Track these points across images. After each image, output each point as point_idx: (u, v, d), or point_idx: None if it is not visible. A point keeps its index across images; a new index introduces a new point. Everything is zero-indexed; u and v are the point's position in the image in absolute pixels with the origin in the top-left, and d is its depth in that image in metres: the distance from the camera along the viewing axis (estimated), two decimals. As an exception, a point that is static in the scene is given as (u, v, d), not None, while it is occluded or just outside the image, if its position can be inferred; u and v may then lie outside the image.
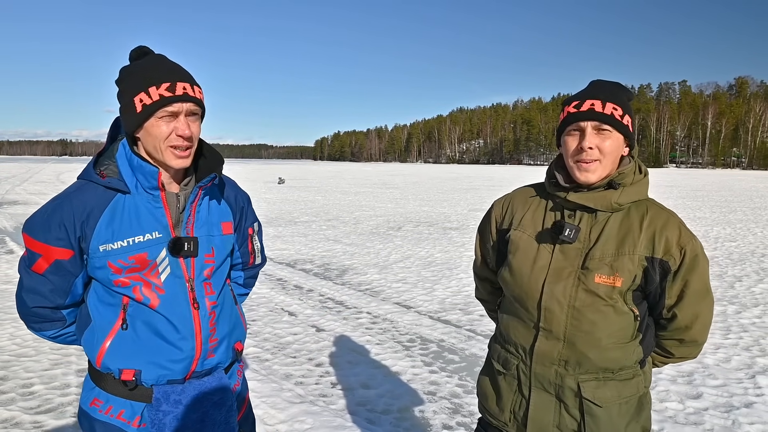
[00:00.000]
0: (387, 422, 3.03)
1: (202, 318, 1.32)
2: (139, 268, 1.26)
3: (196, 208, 1.34)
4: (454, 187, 27.65)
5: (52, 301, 1.30)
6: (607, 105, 1.28)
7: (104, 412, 1.30)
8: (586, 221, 1.32)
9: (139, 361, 1.28)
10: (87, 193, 1.26)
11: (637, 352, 1.35)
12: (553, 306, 1.31)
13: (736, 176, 52.55)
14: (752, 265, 7.54)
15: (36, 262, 1.27)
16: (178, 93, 1.23)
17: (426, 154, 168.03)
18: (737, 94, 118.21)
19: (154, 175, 1.26)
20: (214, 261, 1.36)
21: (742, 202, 18.68)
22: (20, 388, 3.38)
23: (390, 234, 10.31)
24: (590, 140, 1.27)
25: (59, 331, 1.37)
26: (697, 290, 1.31)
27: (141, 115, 1.23)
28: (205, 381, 1.35)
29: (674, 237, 1.29)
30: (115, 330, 1.28)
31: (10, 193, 19.32)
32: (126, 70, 1.28)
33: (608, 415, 1.31)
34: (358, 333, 4.54)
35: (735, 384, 3.56)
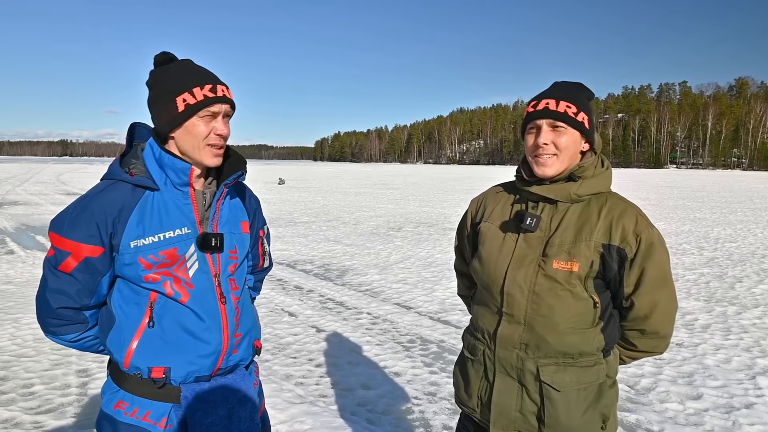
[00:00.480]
0: (387, 423, 3.03)
1: (228, 312, 1.35)
2: (169, 263, 1.29)
3: (220, 205, 1.38)
4: (454, 187, 27.65)
5: (78, 301, 1.30)
6: (560, 103, 1.36)
7: (130, 414, 1.30)
8: (547, 211, 1.40)
9: (169, 358, 1.29)
10: (116, 192, 1.29)
11: (598, 340, 1.39)
12: (514, 291, 1.38)
13: (736, 177, 52.54)
14: (752, 266, 7.54)
15: (64, 261, 1.27)
16: (219, 94, 1.30)
17: (426, 154, 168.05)
18: (738, 94, 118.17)
19: (186, 172, 1.30)
20: (237, 257, 1.41)
21: (742, 203, 18.67)
22: (20, 389, 3.38)
23: (390, 235, 10.31)
24: (544, 137, 1.36)
25: (80, 334, 1.36)
26: (654, 278, 1.35)
27: (183, 115, 1.27)
28: (229, 378, 1.37)
29: (631, 225, 1.34)
30: (142, 328, 1.29)
31: (11, 194, 19.33)
32: (162, 73, 1.31)
33: (566, 400, 1.36)
34: (359, 333, 4.54)
35: (735, 385, 3.56)
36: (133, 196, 1.29)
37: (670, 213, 14.94)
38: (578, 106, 1.37)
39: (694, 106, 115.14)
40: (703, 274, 6.98)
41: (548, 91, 1.41)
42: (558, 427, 1.36)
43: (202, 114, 1.28)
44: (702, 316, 5.11)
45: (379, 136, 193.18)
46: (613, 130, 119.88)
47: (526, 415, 1.39)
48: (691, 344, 4.34)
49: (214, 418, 1.32)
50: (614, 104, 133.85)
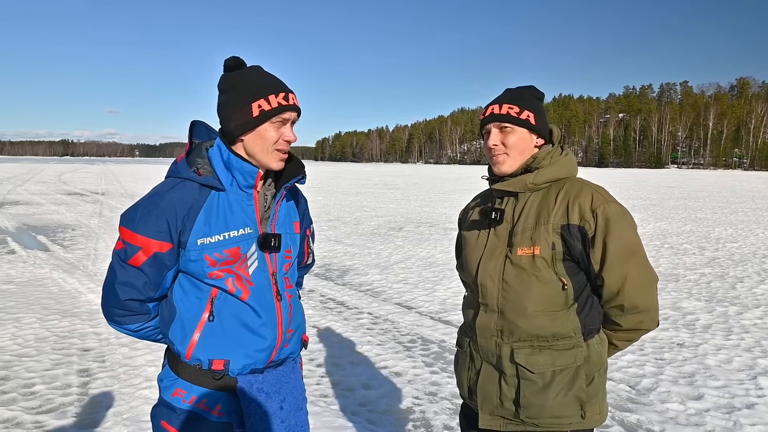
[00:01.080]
0: (388, 423, 3.03)
1: (283, 309, 1.42)
2: (232, 261, 1.34)
3: (278, 207, 1.44)
4: (455, 187, 27.65)
5: (144, 293, 1.36)
6: (503, 106, 1.48)
7: (188, 401, 1.36)
8: (510, 204, 1.50)
9: (228, 351, 1.35)
10: (185, 190, 1.34)
11: (573, 322, 1.42)
12: (486, 281, 1.48)
13: (737, 177, 52.48)
14: (754, 266, 7.53)
15: (134, 256, 1.32)
16: (291, 103, 1.36)
17: (427, 154, 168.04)
18: (739, 94, 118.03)
19: (253, 175, 1.36)
20: (291, 257, 1.48)
21: (743, 203, 18.65)
22: (22, 388, 3.39)
23: (391, 234, 10.31)
24: (493, 138, 1.49)
25: (143, 324, 1.41)
26: (618, 251, 1.38)
27: (257, 120, 1.33)
28: (280, 370, 1.44)
29: (587, 203, 1.40)
30: (203, 322, 1.34)
31: (12, 194, 19.36)
32: (237, 78, 1.36)
33: (541, 381, 1.41)
34: (359, 333, 4.54)
35: (736, 385, 3.56)
36: (201, 195, 1.35)
37: (672, 213, 14.93)
38: (521, 105, 1.47)
39: (696, 106, 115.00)
40: (704, 274, 6.97)
41: (496, 98, 1.53)
42: (532, 408, 1.41)
43: (274, 120, 1.34)
44: (703, 316, 5.10)
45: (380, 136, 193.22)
46: (614, 129, 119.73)
47: (504, 401, 1.45)
48: (692, 344, 4.33)
49: (267, 408, 1.38)
50: (615, 104, 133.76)
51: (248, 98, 1.33)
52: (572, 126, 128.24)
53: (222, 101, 1.37)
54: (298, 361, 1.54)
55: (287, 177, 1.43)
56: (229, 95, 1.36)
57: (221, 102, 1.37)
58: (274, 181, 1.46)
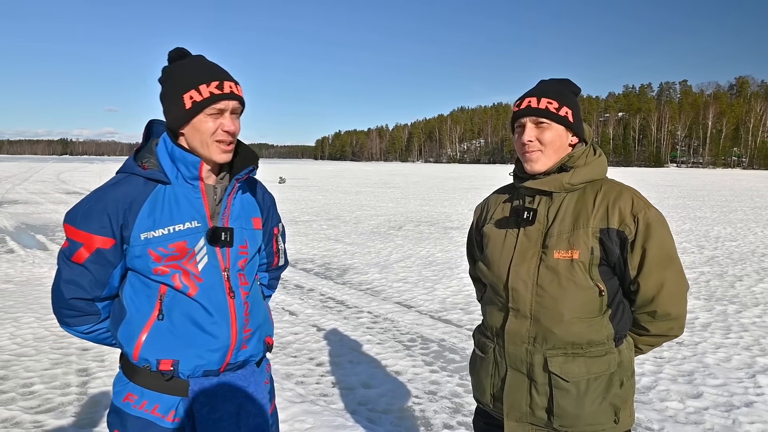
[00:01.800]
0: (388, 422, 3.03)
1: (237, 307, 1.35)
2: (179, 256, 1.30)
3: (231, 200, 1.39)
4: (455, 186, 27.64)
5: (90, 292, 1.32)
6: (542, 100, 1.39)
7: (138, 407, 1.31)
8: (543, 204, 1.42)
9: (177, 351, 1.30)
10: (129, 184, 1.31)
11: (608, 328, 1.39)
12: (518, 285, 1.40)
13: (736, 176, 52.51)
14: (753, 265, 7.53)
15: (77, 252, 1.29)
16: (226, 91, 1.30)
17: (427, 153, 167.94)
18: (738, 93, 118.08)
19: (196, 165, 1.31)
20: (247, 252, 1.41)
21: (742, 202, 18.66)
22: (20, 388, 3.39)
23: (391, 233, 10.31)
24: (528, 134, 1.39)
25: (93, 326, 1.38)
26: (657, 258, 1.35)
27: (190, 112, 1.29)
28: (238, 374, 1.38)
29: (627, 207, 1.36)
30: (152, 321, 1.30)
31: (11, 193, 19.33)
32: (172, 69, 1.33)
33: (576, 390, 1.36)
34: (359, 332, 4.54)
35: (735, 383, 3.56)
36: (145, 188, 1.31)
37: (671, 212, 14.93)
38: (560, 101, 1.39)
39: (695, 105, 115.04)
40: (703, 273, 6.98)
41: (532, 90, 1.44)
42: (567, 417, 1.36)
43: (209, 111, 1.29)
44: (702, 315, 5.11)
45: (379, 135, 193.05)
46: (614, 128, 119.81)
47: (535, 410, 1.40)
48: (691, 343, 4.34)
49: (222, 414, 1.33)
50: (615, 103, 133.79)
51: (181, 89, 1.29)
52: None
53: (160, 94, 1.34)
54: (264, 367, 1.48)
55: (239, 168, 1.39)
56: (165, 87, 1.33)
57: (160, 95, 1.34)
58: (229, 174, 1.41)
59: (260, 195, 1.53)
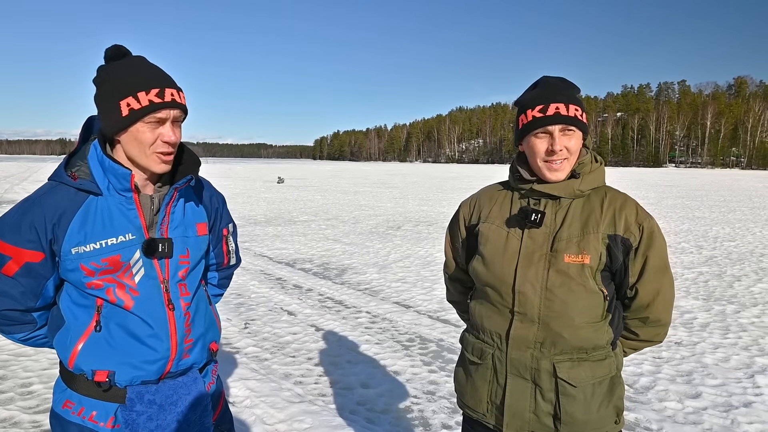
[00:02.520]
0: (386, 422, 3.02)
1: (177, 319, 1.32)
2: (113, 270, 1.25)
3: (170, 209, 1.33)
4: (453, 186, 27.65)
5: (23, 303, 1.28)
6: (570, 107, 1.37)
7: (77, 413, 1.29)
8: (550, 207, 1.41)
9: (113, 362, 1.27)
10: (58, 195, 1.24)
11: (608, 333, 1.41)
12: (526, 289, 1.37)
13: (735, 176, 52.58)
14: (751, 265, 7.55)
15: (5, 265, 1.25)
16: (166, 99, 1.23)
17: (425, 153, 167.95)
18: (736, 93, 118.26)
19: (127, 177, 1.25)
20: (189, 262, 1.36)
21: (741, 202, 18.69)
22: (19, 388, 3.38)
23: (389, 233, 10.31)
24: (560, 143, 1.36)
25: (29, 333, 1.35)
26: (656, 266, 1.39)
27: (126, 120, 1.22)
28: (179, 381, 1.34)
29: (632, 215, 1.39)
30: (89, 331, 1.27)
31: (9, 192, 19.29)
32: (108, 71, 1.25)
33: (583, 395, 1.37)
34: (358, 332, 4.54)
35: (734, 383, 3.56)
36: (76, 200, 1.25)
37: (669, 212, 14.95)
38: (581, 107, 1.40)
39: (693, 105, 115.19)
40: (701, 273, 6.99)
41: (550, 94, 1.38)
42: (575, 423, 1.36)
43: (147, 120, 1.22)
44: (701, 315, 5.11)
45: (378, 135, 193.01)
46: (612, 128, 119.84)
47: (541, 416, 1.38)
48: (689, 343, 4.34)
49: (160, 422, 1.30)
50: (613, 103, 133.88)
51: (117, 95, 1.21)
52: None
53: (95, 96, 1.26)
54: (209, 371, 1.45)
55: (179, 176, 1.33)
56: (100, 91, 1.25)
57: (95, 97, 1.26)
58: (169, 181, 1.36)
59: (207, 198, 1.47)
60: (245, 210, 14.24)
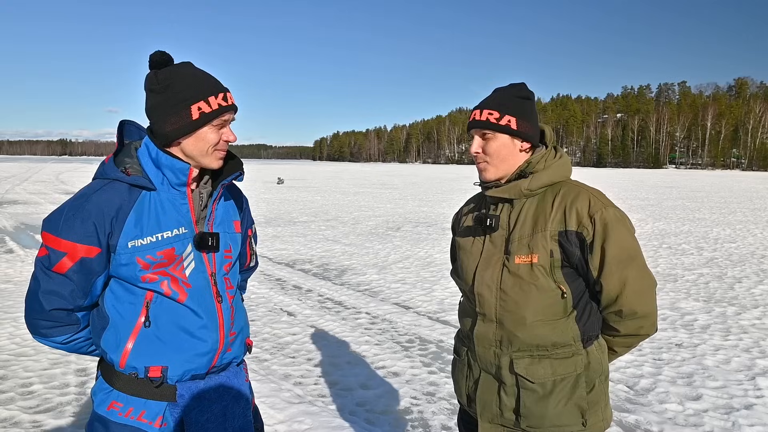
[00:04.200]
0: (386, 423, 3.02)
1: (224, 311, 1.36)
2: (167, 263, 1.29)
3: (216, 205, 1.39)
4: (453, 187, 27.65)
5: (72, 302, 1.29)
6: (483, 112, 1.43)
7: (124, 414, 1.29)
8: (506, 210, 1.46)
9: (166, 357, 1.29)
10: (113, 191, 1.28)
11: (573, 330, 1.40)
12: (483, 290, 1.45)
13: (735, 177, 52.58)
14: (752, 267, 7.54)
15: (59, 262, 1.25)
16: (230, 103, 1.32)
17: (425, 154, 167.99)
18: (737, 95, 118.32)
19: (185, 172, 1.30)
20: (232, 257, 1.42)
21: (741, 203, 18.69)
22: (19, 388, 3.38)
23: (389, 234, 10.31)
24: (474, 146, 1.46)
25: (71, 336, 1.35)
26: (617, 257, 1.35)
27: (197, 123, 1.28)
28: (222, 375, 1.39)
29: (584, 208, 1.37)
30: (138, 328, 1.28)
31: (10, 193, 19.30)
32: (170, 77, 1.28)
33: (542, 392, 1.39)
34: (357, 333, 4.54)
35: (735, 386, 3.56)
36: (130, 195, 1.28)
37: (670, 213, 14.95)
38: (501, 111, 1.42)
39: (694, 106, 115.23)
40: (702, 275, 6.98)
41: (481, 101, 1.47)
42: (532, 417, 1.39)
43: (215, 122, 1.29)
44: (701, 317, 5.11)
45: (378, 136, 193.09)
46: (612, 130, 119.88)
47: (504, 411, 1.44)
48: (690, 345, 4.34)
49: (209, 416, 1.33)
50: (613, 104, 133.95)
51: (186, 100, 1.26)
52: (570, 126, 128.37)
53: (154, 102, 1.29)
54: (242, 367, 1.48)
55: (225, 174, 1.38)
56: (164, 96, 1.28)
57: (154, 103, 1.29)
58: (211, 179, 1.40)
59: (239, 198, 1.53)
60: (245, 210, 14.24)
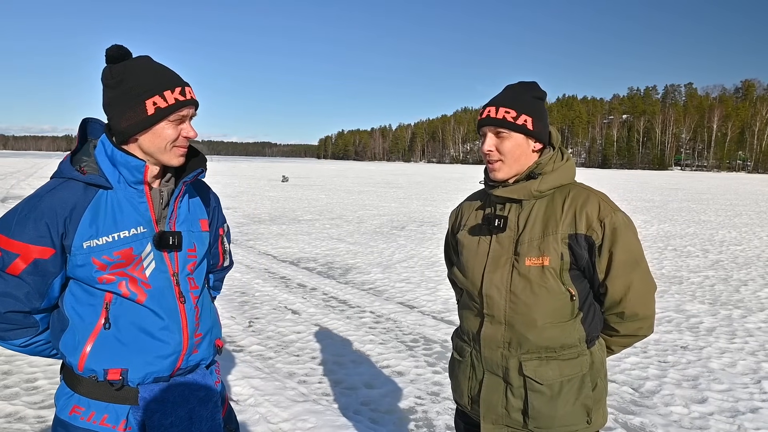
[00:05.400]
0: (390, 422, 3.02)
1: (188, 312, 1.33)
2: (125, 263, 1.25)
3: (178, 204, 1.35)
4: (458, 187, 27.61)
5: (27, 304, 1.25)
6: (500, 110, 1.41)
7: (86, 419, 1.26)
8: (514, 211, 1.45)
9: (126, 360, 1.25)
10: (67, 191, 1.24)
11: (579, 331, 1.42)
12: (492, 292, 1.43)
13: (741, 179, 52.28)
14: (758, 269, 7.49)
15: (12, 264, 1.22)
16: (188, 97, 1.27)
17: (430, 153, 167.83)
18: (744, 96, 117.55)
19: (140, 169, 1.26)
20: (196, 256, 1.38)
21: (747, 206, 18.58)
22: (24, 383, 3.39)
23: (394, 233, 10.30)
24: (487, 144, 1.43)
25: (30, 339, 1.31)
26: (624, 261, 1.39)
27: (152, 118, 1.24)
28: (189, 377, 1.35)
29: (594, 212, 1.38)
30: (97, 330, 1.25)
31: (16, 188, 19.41)
32: (125, 71, 1.25)
33: (550, 392, 1.40)
34: (362, 332, 4.53)
35: (740, 389, 3.54)
36: (86, 195, 1.25)
37: (675, 215, 14.88)
38: (518, 109, 1.40)
39: (700, 107, 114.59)
40: (707, 277, 6.94)
41: (495, 97, 1.46)
42: (542, 418, 1.40)
43: (172, 118, 1.25)
44: (707, 320, 5.08)
45: (382, 135, 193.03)
46: (618, 131, 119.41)
47: (511, 412, 1.44)
48: (695, 347, 4.31)
49: (173, 419, 1.30)
50: (619, 105, 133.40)
51: (141, 95, 1.22)
52: (575, 127, 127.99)
53: (110, 98, 1.26)
54: (213, 369, 1.44)
55: (187, 171, 1.34)
56: (118, 91, 1.24)
57: (109, 99, 1.26)
58: (174, 176, 1.36)
59: (206, 196, 1.48)
60: (250, 208, 14.27)
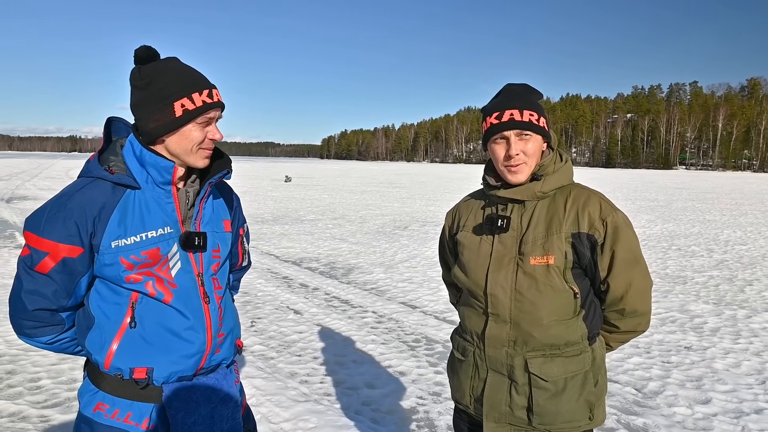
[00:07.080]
0: (392, 422, 3.01)
1: (212, 312, 1.34)
2: (152, 263, 1.27)
3: (203, 204, 1.36)
4: (461, 186, 27.57)
5: (55, 302, 1.27)
6: (524, 113, 1.43)
7: (110, 416, 1.28)
8: (516, 211, 1.48)
9: (151, 359, 1.27)
10: (96, 190, 1.26)
11: (581, 328, 1.45)
12: (497, 291, 1.45)
13: (746, 179, 51.98)
14: (763, 269, 7.45)
15: (41, 262, 1.23)
16: (215, 100, 1.29)
17: (433, 153, 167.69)
18: (749, 95, 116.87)
19: (169, 170, 1.27)
20: (220, 257, 1.39)
21: (752, 205, 18.47)
22: (28, 383, 3.41)
23: (396, 233, 10.30)
24: (516, 147, 1.42)
25: (56, 336, 1.33)
26: (625, 259, 1.43)
27: (180, 120, 1.25)
28: (211, 377, 1.37)
29: (596, 211, 1.42)
30: (123, 329, 1.26)
31: (20, 189, 19.52)
32: (154, 73, 1.26)
33: (555, 389, 1.42)
34: (364, 332, 4.53)
35: (745, 389, 3.52)
36: (114, 194, 1.26)
37: (680, 214, 14.81)
38: (538, 111, 1.44)
39: (705, 106, 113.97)
40: (712, 277, 6.91)
41: (507, 101, 1.45)
42: (546, 415, 1.42)
43: (200, 120, 1.26)
44: (711, 320, 5.05)
45: (385, 135, 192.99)
46: (622, 130, 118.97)
47: (515, 410, 1.45)
48: (699, 348, 4.29)
49: (196, 418, 1.31)
50: (623, 104, 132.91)
51: (169, 96, 1.23)
52: (579, 126, 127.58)
53: (138, 99, 1.27)
54: (232, 368, 1.46)
55: (212, 173, 1.35)
56: (147, 92, 1.25)
57: (137, 100, 1.27)
58: (198, 178, 1.37)
59: (229, 196, 1.50)
60: (253, 208, 14.29)
